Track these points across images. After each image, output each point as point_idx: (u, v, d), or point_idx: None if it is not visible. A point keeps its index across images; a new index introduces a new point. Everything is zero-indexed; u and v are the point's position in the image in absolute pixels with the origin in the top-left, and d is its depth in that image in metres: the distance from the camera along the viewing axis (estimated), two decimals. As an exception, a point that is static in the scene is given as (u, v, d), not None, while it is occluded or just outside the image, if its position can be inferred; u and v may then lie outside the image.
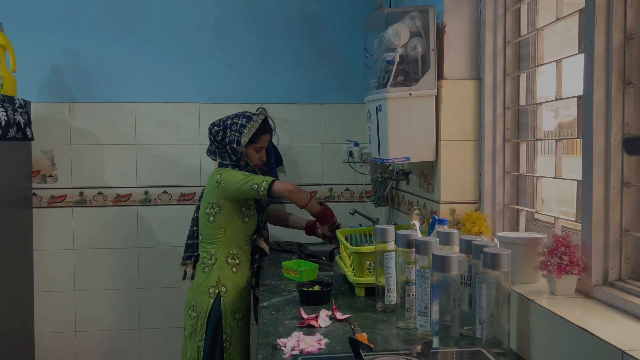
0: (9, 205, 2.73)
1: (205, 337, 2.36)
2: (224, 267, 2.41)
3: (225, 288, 2.39)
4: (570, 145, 1.77)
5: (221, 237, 2.42)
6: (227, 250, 2.42)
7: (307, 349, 1.45)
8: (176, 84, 3.06)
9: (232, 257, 2.43)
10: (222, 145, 2.45)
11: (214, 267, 2.41)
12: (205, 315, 2.36)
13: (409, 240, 1.62)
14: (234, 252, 2.44)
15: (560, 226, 1.67)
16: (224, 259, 2.42)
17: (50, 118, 2.98)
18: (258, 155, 2.49)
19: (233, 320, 2.39)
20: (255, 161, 2.49)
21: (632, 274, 1.38)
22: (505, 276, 1.37)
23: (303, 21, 3.11)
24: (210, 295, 2.38)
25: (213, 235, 2.43)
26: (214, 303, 2.37)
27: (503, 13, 1.95)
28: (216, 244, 2.42)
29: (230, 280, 2.41)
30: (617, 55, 1.35)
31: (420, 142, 2.05)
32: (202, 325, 2.37)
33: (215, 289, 2.38)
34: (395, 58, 1.99)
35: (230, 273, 2.42)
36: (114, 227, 3.05)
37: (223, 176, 2.37)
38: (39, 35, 2.95)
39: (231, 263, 2.43)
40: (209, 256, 2.43)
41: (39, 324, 3.01)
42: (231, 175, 2.36)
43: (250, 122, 2.43)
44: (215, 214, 2.41)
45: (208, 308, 2.36)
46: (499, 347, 1.38)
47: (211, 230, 2.43)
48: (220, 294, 2.38)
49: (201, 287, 2.41)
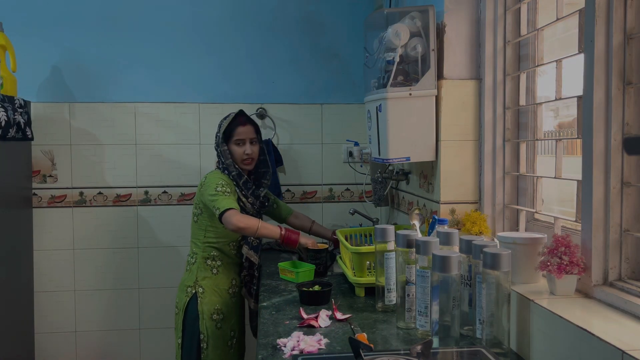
0: (9, 205, 2.73)
1: (183, 334, 2.39)
2: (203, 268, 2.41)
3: (202, 289, 2.39)
4: (570, 145, 1.77)
5: (202, 238, 2.43)
6: (208, 252, 2.43)
7: (307, 349, 1.46)
8: (176, 84, 3.06)
9: (212, 258, 2.43)
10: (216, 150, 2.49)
11: (193, 267, 2.43)
12: (182, 313, 2.39)
13: (409, 240, 1.62)
14: (214, 254, 2.43)
15: (560, 226, 1.67)
16: (203, 260, 2.42)
17: (50, 118, 2.98)
18: (242, 149, 2.41)
19: (210, 321, 2.37)
20: (241, 156, 2.41)
21: (632, 274, 1.38)
22: (505, 276, 1.37)
23: (303, 21, 3.11)
24: (187, 294, 2.39)
25: (195, 235, 2.45)
26: (190, 302, 2.38)
27: (503, 13, 1.95)
28: (197, 244, 2.44)
29: (208, 281, 2.41)
30: (617, 55, 1.35)
31: (420, 142, 2.05)
32: (180, 322, 2.39)
33: (192, 289, 2.39)
34: (395, 58, 1.99)
35: (210, 274, 2.42)
36: (114, 227, 3.05)
37: (205, 180, 2.39)
38: (39, 35, 2.95)
39: (211, 264, 2.42)
40: (192, 254, 2.46)
41: (39, 324, 3.01)
42: (208, 184, 2.35)
43: (224, 120, 2.46)
44: (198, 214, 2.43)
45: (184, 306, 2.39)
46: (499, 347, 1.38)
47: (195, 230, 2.45)
48: (197, 293, 2.38)
49: (182, 285, 2.45)
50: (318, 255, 2.30)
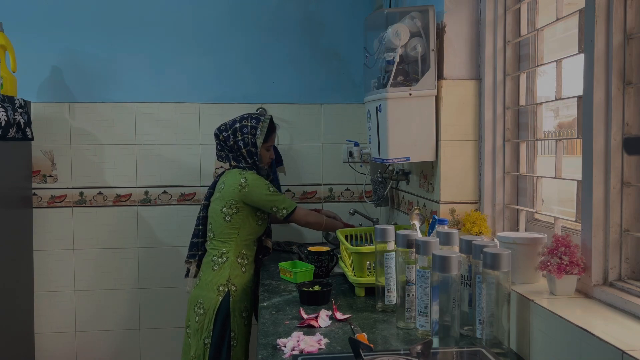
0: (9, 205, 2.73)
1: (213, 334, 2.37)
2: (235, 267, 2.43)
3: (235, 287, 2.41)
4: (570, 145, 1.77)
5: (235, 237, 2.44)
6: (239, 250, 2.45)
7: (307, 349, 1.46)
8: (176, 84, 3.06)
9: (242, 257, 2.46)
10: (236, 149, 2.47)
11: (224, 266, 2.42)
12: (214, 312, 2.37)
13: (409, 240, 1.62)
14: (244, 252, 2.46)
15: (560, 226, 1.67)
16: (235, 258, 2.43)
17: (50, 118, 2.98)
18: (269, 153, 2.55)
19: (240, 318, 2.42)
20: (267, 160, 2.55)
21: (632, 274, 1.38)
22: (505, 276, 1.37)
23: (303, 21, 3.11)
24: (219, 293, 2.39)
25: (226, 234, 2.44)
26: (223, 301, 2.38)
27: (503, 13, 1.95)
28: (229, 243, 2.44)
29: (239, 279, 2.43)
30: (617, 55, 1.35)
31: (420, 142, 2.05)
32: (210, 322, 2.38)
33: (225, 287, 2.39)
34: (395, 58, 1.99)
35: (240, 272, 2.44)
36: (114, 227, 3.05)
37: (248, 181, 2.40)
38: (39, 35, 2.95)
39: (241, 263, 2.45)
40: (219, 254, 2.44)
41: (39, 324, 3.01)
42: (257, 184, 2.40)
43: (260, 123, 2.49)
44: (232, 214, 2.42)
45: (217, 305, 2.37)
46: (498, 347, 1.38)
47: (225, 229, 2.44)
48: (230, 292, 2.39)
49: (210, 285, 2.41)
50: (319, 258, 2.30)
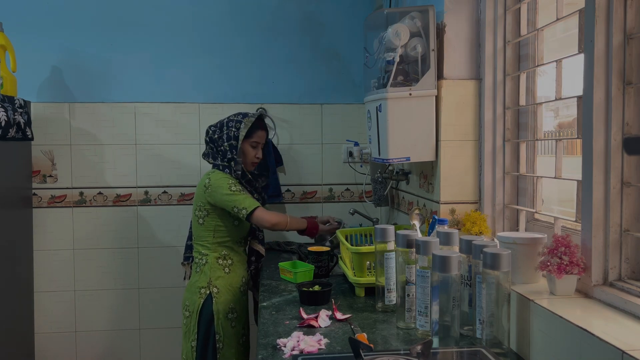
0: (9, 205, 2.73)
1: (197, 337, 2.37)
2: (215, 268, 2.41)
3: (217, 289, 2.39)
4: (570, 145, 1.77)
5: (210, 239, 2.42)
6: (218, 252, 2.43)
7: (307, 349, 1.45)
8: (176, 84, 3.06)
9: (223, 257, 2.43)
10: (218, 144, 2.44)
11: (204, 268, 2.42)
12: (197, 315, 2.37)
13: (409, 240, 1.62)
14: (225, 253, 2.44)
15: (560, 226, 1.67)
16: (215, 260, 2.42)
17: (50, 118, 2.98)
18: (254, 151, 2.48)
19: (226, 320, 2.39)
20: (252, 158, 2.47)
21: (632, 274, 1.38)
22: (505, 276, 1.37)
23: (303, 21, 3.11)
24: (201, 296, 2.38)
25: (202, 237, 2.44)
26: (205, 303, 2.37)
27: (503, 13, 1.95)
28: (205, 245, 2.43)
29: (222, 280, 2.41)
30: (617, 55, 1.35)
31: (420, 142, 2.05)
32: (194, 325, 2.38)
33: (206, 290, 2.39)
34: (395, 58, 1.99)
35: (223, 273, 2.42)
36: (114, 227, 3.05)
37: (211, 181, 2.38)
38: (39, 35, 2.95)
39: (222, 264, 2.43)
40: (200, 256, 2.44)
41: (39, 324, 3.01)
42: (218, 184, 2.35)
43: (246, 118, 2.46)
44: (204, 216, 2.42)
45: (199, 308, 2.37)
46: (498, 347, 1.38)
47: (201, 232, 2.44)
48: (212, 294, 2.38)
49: (193, 287, 2.42)
50: (319, 258, 2.30)
